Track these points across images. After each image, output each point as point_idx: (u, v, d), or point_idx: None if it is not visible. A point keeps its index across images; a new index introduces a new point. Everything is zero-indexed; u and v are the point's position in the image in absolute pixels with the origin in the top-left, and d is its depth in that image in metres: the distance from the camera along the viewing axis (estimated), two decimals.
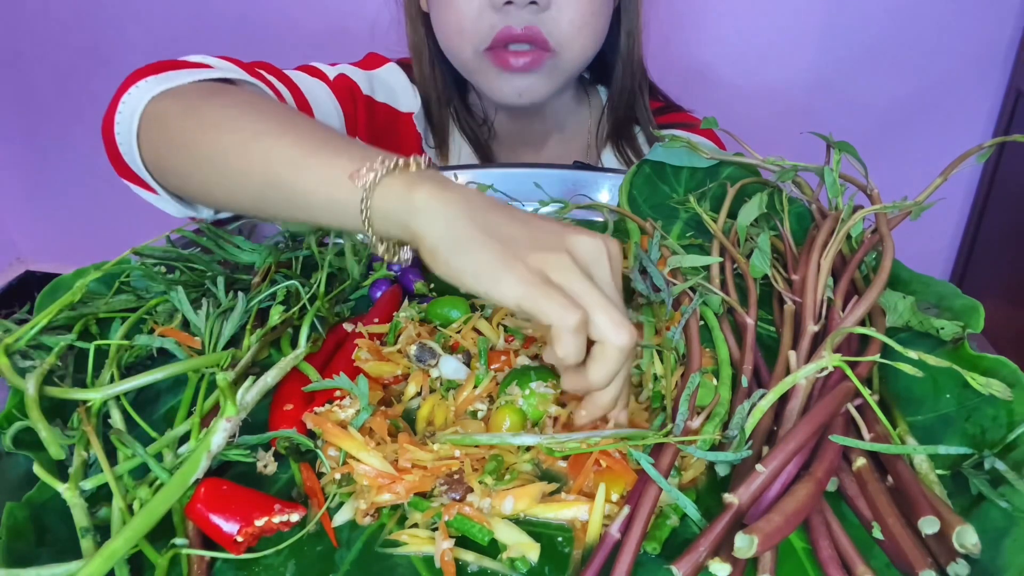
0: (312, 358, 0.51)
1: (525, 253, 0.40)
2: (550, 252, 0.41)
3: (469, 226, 0.41)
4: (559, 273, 0.40)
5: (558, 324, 0.39)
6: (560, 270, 0.40)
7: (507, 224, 0.42)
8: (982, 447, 0.42)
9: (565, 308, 0.39)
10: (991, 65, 1.46)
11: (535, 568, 0.39)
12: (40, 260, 2.16)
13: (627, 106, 0.87)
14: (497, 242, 0.41)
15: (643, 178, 0.71)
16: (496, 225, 0.42)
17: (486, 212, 0.42)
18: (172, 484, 0.40)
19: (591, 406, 0.44)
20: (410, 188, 0.43)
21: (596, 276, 0.42)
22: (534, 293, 0.39)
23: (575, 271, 0.40)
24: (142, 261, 0.58)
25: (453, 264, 0.41)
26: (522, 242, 0.41)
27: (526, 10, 0.71)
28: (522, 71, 0.75)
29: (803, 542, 0.39)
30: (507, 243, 0.41)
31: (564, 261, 0.40)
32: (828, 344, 0.45)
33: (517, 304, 0.40)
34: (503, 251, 0.40)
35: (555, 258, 0.40)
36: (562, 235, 0.42)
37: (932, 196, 0.56)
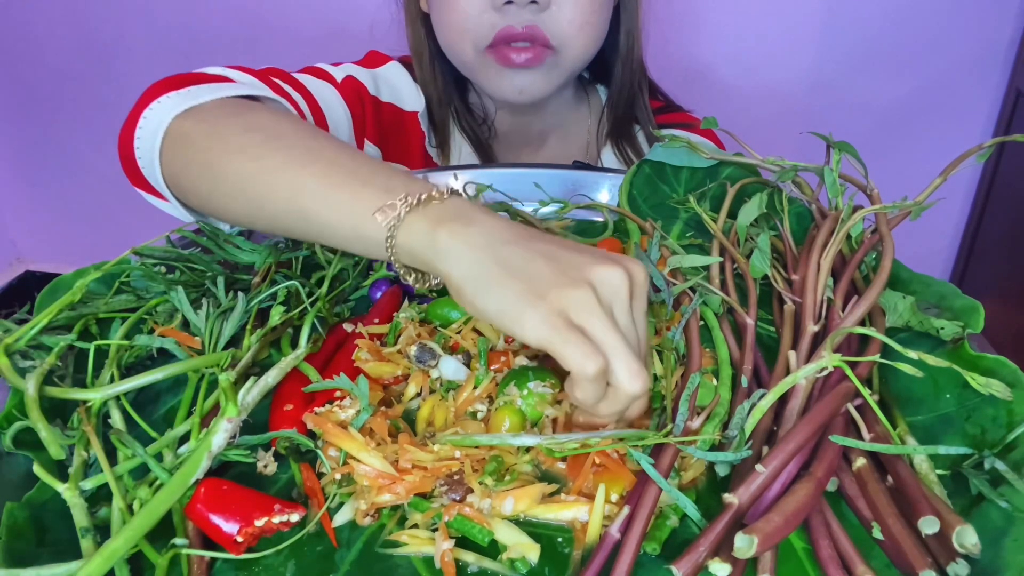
0: (312, 358, 0.51)
1: (547, 290, 0.40)
2: (572, 289, 0.40)
3: (492, 265, 0.41)
4: (581, 314, 0.40)
5: (578, 372, 0.39)
6: (581, 311, 0.40)
7: (531, 259, 0.42)
8: (982, 447, 0.42)
9: (585, 356, 0.39)
10: (991, 65, 1.46)
11: (535, 569, 0.39)
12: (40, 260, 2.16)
13: (627, 105, 0.87)
14: (520, 281, 0.41)
15: (643, 178, 0.71)
16: (520, 261, 0.42)
17: (510, 247, 0.42)
18: (172, 484, 0.40)
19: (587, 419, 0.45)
20: (434, 227, 0.43)
21: (618, 313, 0.41)
22: (555, 337, 0.39)
23: (597, 312, 0.40)
24: (142, 261, 0.58)
25: (478, 304, 0.42)
26: (545, 279, 0.41)
27: (526, 9, 0.72)
28: (523, 67, 0.75)
29: (803, 542, 0.39)
30: (530, 281, 0.41)
31: (586, 300, 0.40)
32: (828, 344, 0.45)
33: (540, 346, 0.40)
34: (525, 291, 0.40)
35: (577, 296, 0.40)
36: (586, 268, 0.41)
37: (932, 196, 0.56)
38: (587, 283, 0.40)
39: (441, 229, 0.43)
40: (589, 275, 0.41)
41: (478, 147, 0.89)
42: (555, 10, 0.73)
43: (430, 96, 0.86)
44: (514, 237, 0.43)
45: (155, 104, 0.58)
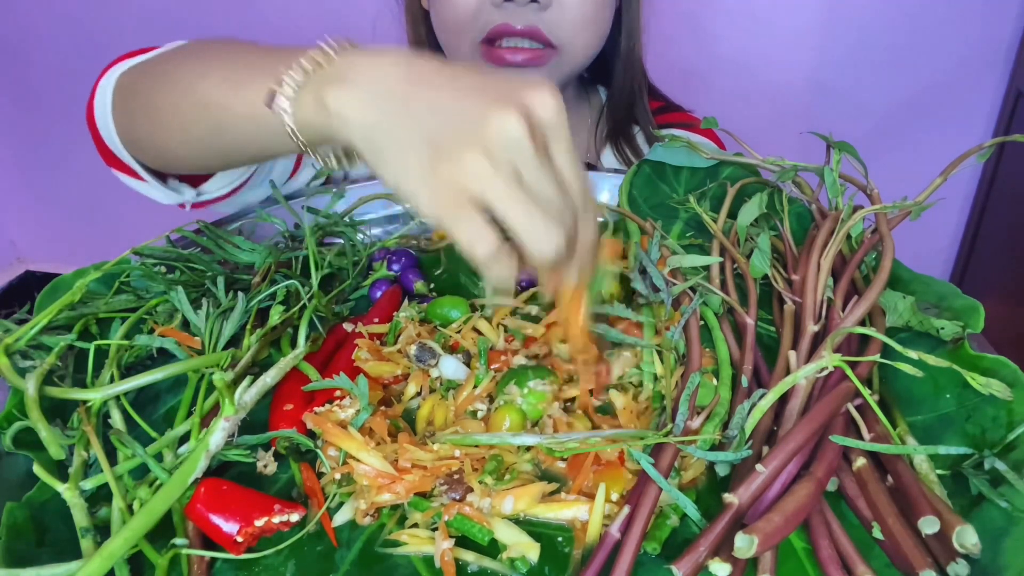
0: (312, 358, 0.51)
1: (440, 159, 0.37)
2: (462, 157, 0.36)
3: (381, 131, 0.38)
4: (474, 185, 0.36)
5: (470, 255, 0.37)
6: (474, 181, 0.36)
7: (418, 119, 0.38)
8: (982, 447, 0.42)
9: (472, 238, 0.36)
10: (991, 65, 1.46)
11: (535, 568, 0.39)
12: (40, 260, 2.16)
13: (626, 106, 0.87)
14: (410, 149, 0.37)
15: (643, 178, 0.71)
16: (409, 123, 0.38)
17: (397, 105, 0.38)
18: (171, 484, 0.40)
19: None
20: (322, 89, 0.40)
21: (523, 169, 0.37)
22: (446, 216, 0.36)
23: (489, 179, 0.36)
24: (142, 261, 0.58)
25: (378, 171, 0.39)
26: (435, 145, 0.37)
27: (527, 9, 0.71)
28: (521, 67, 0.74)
29: (803, 542, 0.39)
30: (420, 147, 0.37)
31: (477, 169, 0.36)
32: (828, 344, 0.45)
33: (437, 224, 0.37)
34: (419, 159, 0.37)
35: (468, 165, 0.36)
36: (480, 123, 0.36)
37: (932, 196, 0.56)
38: (479, 145, 0.36)
39: (329, 89, 0.40)
40: (481, 133, 0.36)
41: None
42: (556, 10, 0.72)
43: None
44: (403, 85, 0.39)
45: (107, 73, 0.59)
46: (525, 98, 0.37)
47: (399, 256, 0.63)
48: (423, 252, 0.67)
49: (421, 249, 0.67)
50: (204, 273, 0.59)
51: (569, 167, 0.39)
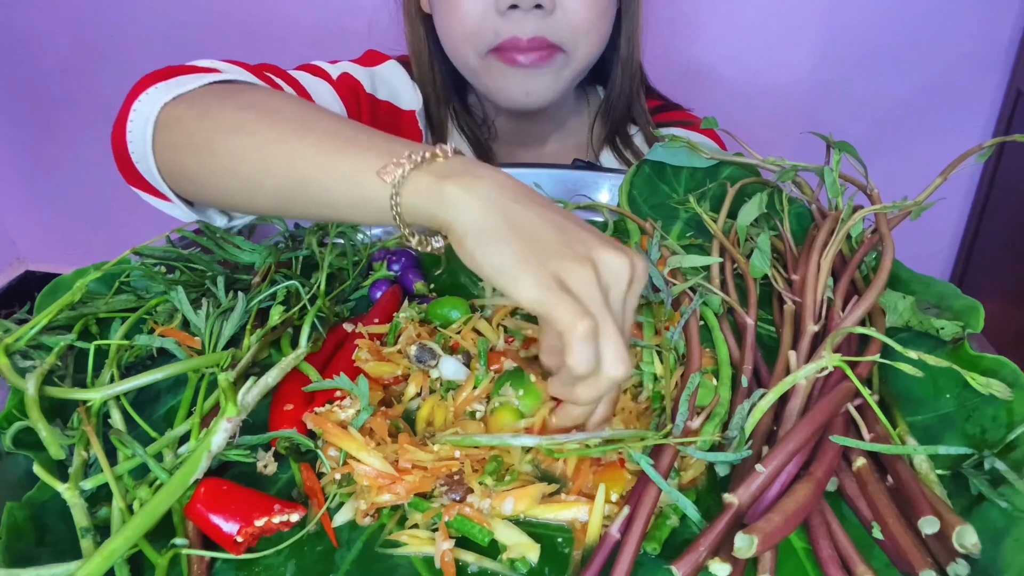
0: (312, 358, 0.51)
1: (549, 257, 0.40)
2: (575, 262, 0.40)
3: (498, 219, 0.41)
4: (578, 284, 0.39)
5: (570, 329, 0.38)
6: (579, 283, 0.39)
7: (538, 222, 0.41)
8: (982, 447, 0.42)
9: (577, 314, 0.38)
10: (991, 65, 1.46)
11: (535, 569, 0.39)
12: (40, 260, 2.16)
13: (624, 107, 0.87)
14: (524, 242, 0.40)
15: (643, 178, 0.71)
16: (527, 223, 0.41)
17: (520, 205, 0.42)
18: (172, 484, 0.40)
19: (564, 416, 0.44)
20: (440, 180, 0.43)
21: (612, 298, 0.41)
22: (550, 297, 0.39)
23: (594, 287, 0.40)
24: (142, 261, 0.58)
25: (477, 255, 0.41)
26: (550, 245, 0.40)
27: (532, 15, 0.71)
28: (531, 67, 0.74)
29: (803, 542, 0.39)
30: (534, 243, 0.40)
31: (586, 275, 0.40)
32: (828, 344, 0.45)
33: (532, 306, 0.39)
34: (528, 251, 0.40)
35: (579, 269, 0.40)
36: (591, 246, 0.41)
37: (932, 196, 0.56)
38: (590, 260, 0.40)
39: (448, 182, 0.43)
40: (594, 254, 0.40)
41: (476, 148, 0.89)
42: (560, 14, 0.72)
43: (428, 96, 0.86)
44: (524, 197, 0.43)
45: (144, 96, 0.57)
46: (629, 252, 0.42)
47: (399, 256, 0.63)
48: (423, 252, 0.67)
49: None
50: (204, 273, 0.59)
51: (631, 321, 0.43)
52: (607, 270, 0.41)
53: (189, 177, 0.57)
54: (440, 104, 0.86)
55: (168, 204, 0.61)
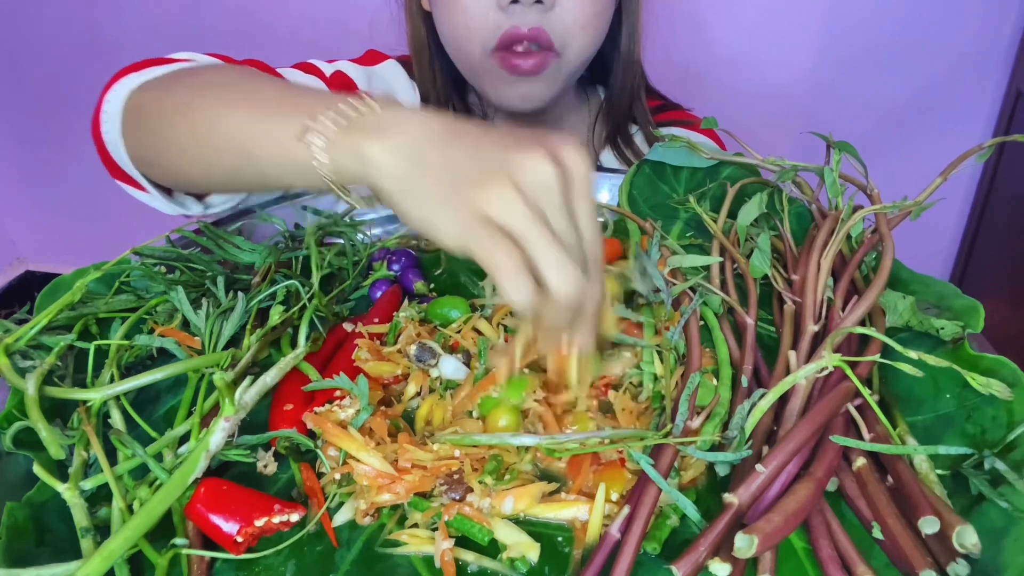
0: (312, 358, 0.51)
1: (467, 191, 0.37)
2: (492, 188, 0.37)
3: (418, 169, 0.40)
4: (499, 212, 0.37)
5: (491, 269, 0.37)
6: (500, 209, 0.37)
7: (452, 158, 0.39)
8: (982, 447, 0.42)
9: (497, 250, 0.36)
10: (991, 65, 1.46)
11: (535, 568, 0.39)
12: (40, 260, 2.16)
13: (625, 106, 0.87)
14: (441, 185, 0.38)
15: (643, 178, 0.71)
16: (441, 161, 0.39)
17: (434, 149, 0.40)
18: (171, 484, 0.40)
19: (546, 343, 0.43)
20: (363, 140, 0.42)
21: (551, 211, 0.38)
22: (469, 238, 0.37)
23: (519, 207, 0.37)
24: (142, 261, 0.58)
25: (404, 211, 0.40)
26: (466, 177, 0.38)
27: (532, 9, 0.71)
28: (528, 74, 0.74)
29: (803, 542, 0.39)
30: (451, 182, 0.38)
31: (506, 197, 0.37)
32: (828, 344, 0.45)
33: (457, 251, 0.38)
34: (445, 192, 0.38)
35: (496, 194, 0.37)
36: (506, 161, 0.38)
37: (932, 196, 0.56)
38: (507, 179, 0.37)
39: (369, 142, 0.41)
40: (511, 169, 0.37)
41: None
42: (559, 10, 0.72)
43: (427, 95, 0.86)
44: (440, 137, 0.41)
45: (116, 86, 0.59)
46: (557, 150, 0.38)
47: (399, 256, 0.63)
48: (423, 252, 0.67)
49: (421, 249, 0.67)
50: (204, 273, 0.59)
51: (589, 225, 0.40)
52: (529, 183, 0.37)
53: (154, 160, 0.58)
54: (440, 103, 0.86)
55: (148, 196, 0.62)
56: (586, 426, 0.46)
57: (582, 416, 0.47)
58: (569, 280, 0.37)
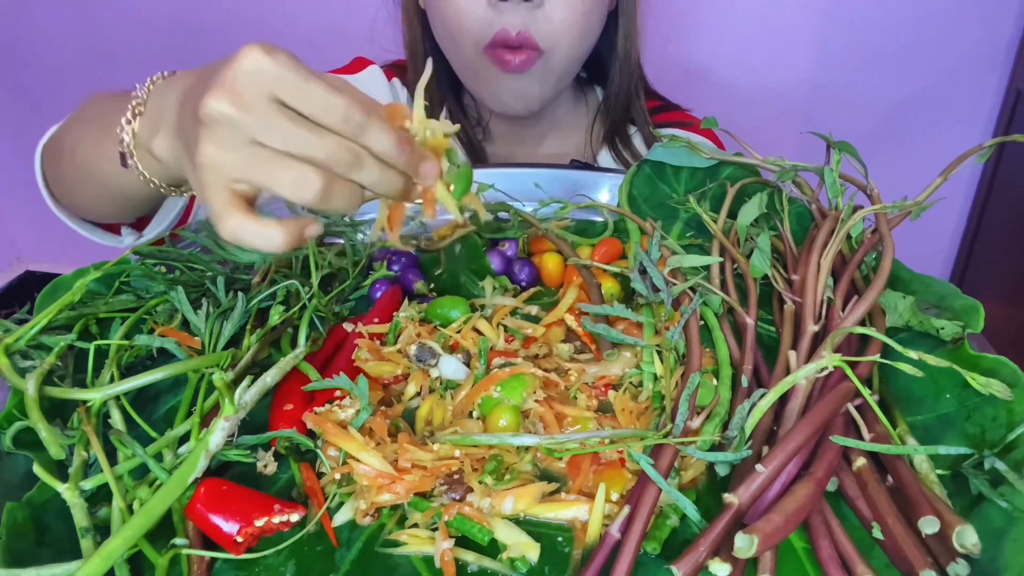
0: (312, 358, 0.51)
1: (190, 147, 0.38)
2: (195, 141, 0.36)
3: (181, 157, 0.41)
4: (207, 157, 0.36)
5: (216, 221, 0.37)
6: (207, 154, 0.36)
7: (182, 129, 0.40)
8: (982, 447, 0.42)
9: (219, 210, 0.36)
10: (991, 65, 1.46)
11: (535, 568, 0.39)
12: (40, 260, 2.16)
13: (623, 107, 0.87)
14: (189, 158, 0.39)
15: (643, 178, 0.71)
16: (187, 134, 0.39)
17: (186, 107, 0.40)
18: (171, 484, 0.40)
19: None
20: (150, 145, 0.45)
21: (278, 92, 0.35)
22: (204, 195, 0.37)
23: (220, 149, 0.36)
24: (142, 261, 0.58)
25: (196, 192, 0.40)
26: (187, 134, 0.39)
27: (522, 7, 0.71)
28: (518, 70, 0.74)
29: (803, 542, 0.39)
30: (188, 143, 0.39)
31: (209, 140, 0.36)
32: (828, 344, 0.45)
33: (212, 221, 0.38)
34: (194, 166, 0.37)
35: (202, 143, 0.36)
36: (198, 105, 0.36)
37: (932, 196, 0.56)
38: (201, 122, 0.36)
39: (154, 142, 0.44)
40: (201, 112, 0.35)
41: (470, 150, 0.88)
42: (548, 9, 0.72)
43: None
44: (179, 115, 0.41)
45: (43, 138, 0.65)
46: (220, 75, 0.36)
47: (399, 256, 0.63)
48: (423, 252, 0.67)
49: (421, 249, 0.67)
50: (204, 273, 0.59)
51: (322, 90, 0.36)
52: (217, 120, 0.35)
53: (75, 205, 0.64)
54: (434, 104, 0.86)
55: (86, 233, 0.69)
56: (586, 426, 0.46)
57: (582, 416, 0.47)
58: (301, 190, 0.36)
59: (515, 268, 0.63)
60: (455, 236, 0.65)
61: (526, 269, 0.62)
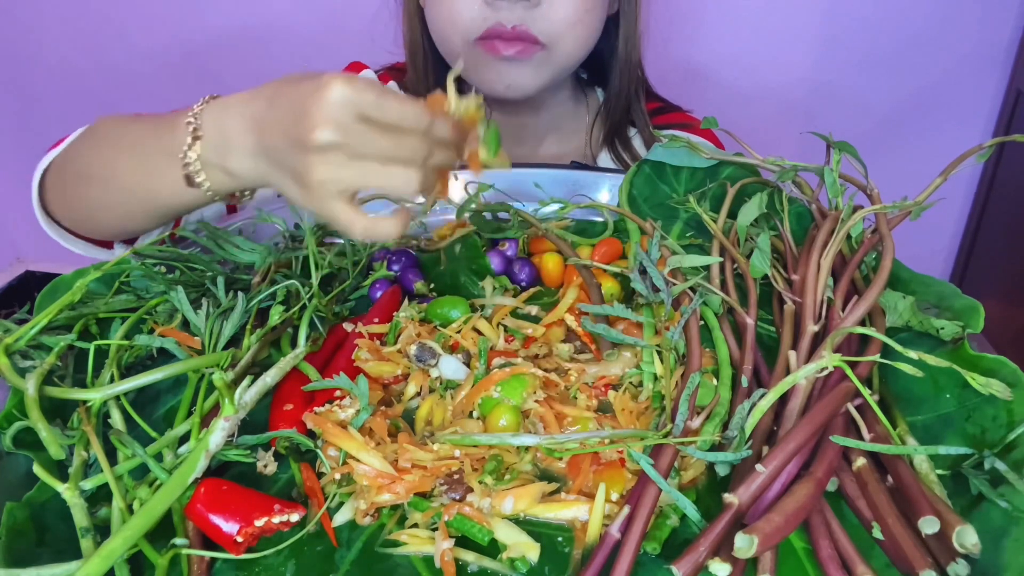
0: (312, 358, 0.51)
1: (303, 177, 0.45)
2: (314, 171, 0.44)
3: (267, 165, 0.48)
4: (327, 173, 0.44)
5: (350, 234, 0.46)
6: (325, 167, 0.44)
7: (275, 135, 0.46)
8: (982, 447, 0.42)
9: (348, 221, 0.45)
10: (991, 65, 1.46)
11: (535, 568, 0.39)
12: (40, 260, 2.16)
13: (623, 110, 0.87)
14: (285, 168, 0.46)
15: (643, 178, 0.71)
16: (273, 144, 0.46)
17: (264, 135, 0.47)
18: (171, 484, 0.40)
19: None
20: (223, 165, 0.50)
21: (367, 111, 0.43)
22: (324, 215, 0.45)
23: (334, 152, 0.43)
24: (142, 261, 0.58)
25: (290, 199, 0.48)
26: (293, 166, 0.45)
27: (518, 6, 0.71)
28: (512, 59, 0.74)
29: (803, 542, 0.39)
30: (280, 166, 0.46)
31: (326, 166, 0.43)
32: (828, 344, 0.45)
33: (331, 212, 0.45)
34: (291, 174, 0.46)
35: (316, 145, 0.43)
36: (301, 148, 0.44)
37: (932, 196, 0.56)
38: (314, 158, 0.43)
39: (229, 165, 0.50)
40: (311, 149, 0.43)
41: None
42: (546, 8, 0.72)
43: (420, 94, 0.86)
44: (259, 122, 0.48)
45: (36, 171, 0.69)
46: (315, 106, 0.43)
47: (399, 256, 0.63)
48: (423, 252, 0.67)
49: (421, 249, 0.67)
50: (204, 273, 0.59)
51: (395, 103, 0.44)
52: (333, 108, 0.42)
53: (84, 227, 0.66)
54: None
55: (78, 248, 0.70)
56: (586, 426, 0.46)
57: (582, 416, 0.47)
58: (404, 187, 0.45)
59: (515, 268, 0.63)
60: (455, 236, 0.65)
61: (526, 269, 0.62)
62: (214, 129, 0.50)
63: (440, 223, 0.69)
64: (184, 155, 0.51)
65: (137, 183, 0.57)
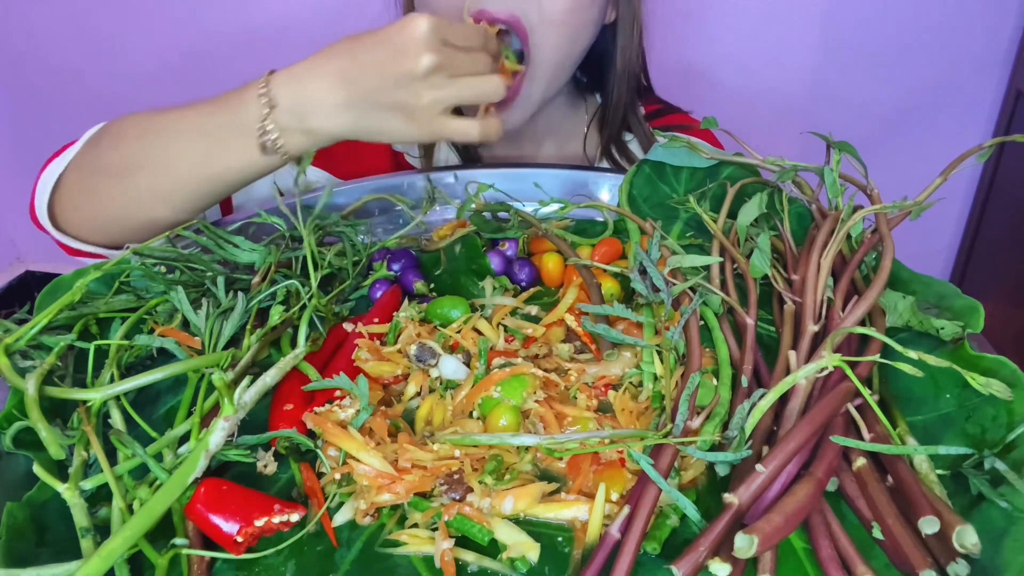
0: (312, 358, 0.51)
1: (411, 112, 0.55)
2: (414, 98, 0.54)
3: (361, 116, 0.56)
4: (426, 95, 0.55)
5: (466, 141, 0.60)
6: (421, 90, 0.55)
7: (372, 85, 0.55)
8: (982, 447, 0.42)
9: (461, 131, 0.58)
10: (991, 65, 1.46)
11: (535, 568, 0.39)
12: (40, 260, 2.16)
13: (620, 116, 0.86)
14: (381, 107, 0.56)
15: (643, 178, 0.71)
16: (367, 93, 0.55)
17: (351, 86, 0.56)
18: (170, 484, 0.40)
19: None
20: (305, 126, 0.57)
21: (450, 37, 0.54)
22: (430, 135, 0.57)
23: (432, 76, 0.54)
24: (142, 261, 0.58)
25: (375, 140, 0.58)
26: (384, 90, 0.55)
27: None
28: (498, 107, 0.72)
29: (803, 542, 0.39)
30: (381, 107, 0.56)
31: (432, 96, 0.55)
32: (828, 344, 0.45)
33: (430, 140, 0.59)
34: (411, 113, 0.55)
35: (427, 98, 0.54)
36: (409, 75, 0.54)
37: (932, 196, 0.56)
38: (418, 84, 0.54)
39: (312, 125, 0.57)
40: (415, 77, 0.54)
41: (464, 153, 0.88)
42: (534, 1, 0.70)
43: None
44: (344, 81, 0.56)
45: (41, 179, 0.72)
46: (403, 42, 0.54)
47: (399, 256, 0.63)
48: (423, 252, 0.67)
49: (421, 249, 0.67)
50: (204, 273, 0.59)
51: (462, 27, 0.57)
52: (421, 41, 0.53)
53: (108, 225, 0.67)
54: None
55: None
56: (586, 426, 0.46)
57: (582, 416, 0.47)
58: (493, 94, 0.58)
59: (515, 268, 0.63)
60: (455, 236, 0.65)
61: (526, 269, 0.62)
62: (289, 97, 0.56)
63: (440, 223, 0.69)
64: (261, 125, 0.57)
65: (202, 161, 0.60)
